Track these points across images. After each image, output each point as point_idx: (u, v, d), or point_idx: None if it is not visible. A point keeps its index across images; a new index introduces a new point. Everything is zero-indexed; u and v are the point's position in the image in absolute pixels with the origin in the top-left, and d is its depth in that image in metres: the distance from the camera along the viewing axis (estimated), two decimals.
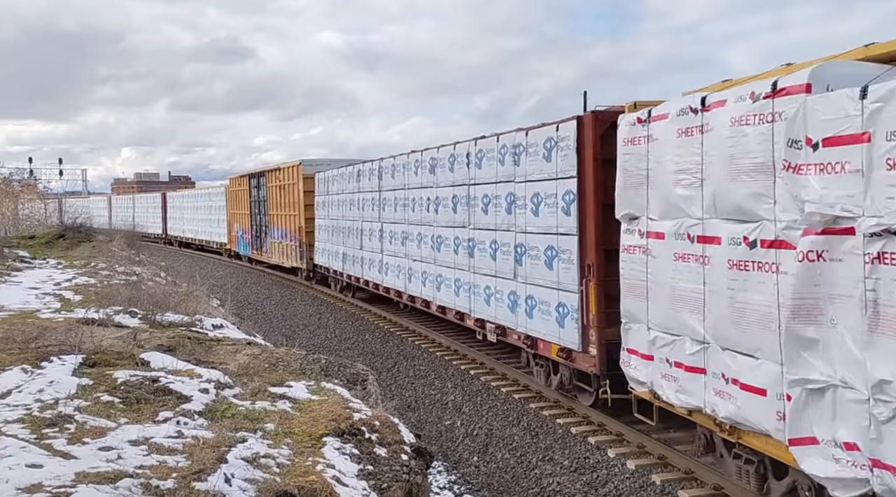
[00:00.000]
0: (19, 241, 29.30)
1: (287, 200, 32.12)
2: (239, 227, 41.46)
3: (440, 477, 11.36)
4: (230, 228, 43.69)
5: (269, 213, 34.95)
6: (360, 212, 23.63)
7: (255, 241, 38.30)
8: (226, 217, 44.54)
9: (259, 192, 37.01)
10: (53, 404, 6.78)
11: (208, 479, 5.23)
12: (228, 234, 44.30)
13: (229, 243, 44.34)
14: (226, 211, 44.53)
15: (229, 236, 44.27)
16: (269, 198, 34.94)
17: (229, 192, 43.79)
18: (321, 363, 9.64)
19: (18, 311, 13.00)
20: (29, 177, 64.46)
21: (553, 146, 12.32)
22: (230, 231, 43.74)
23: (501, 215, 14.25)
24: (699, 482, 9.61)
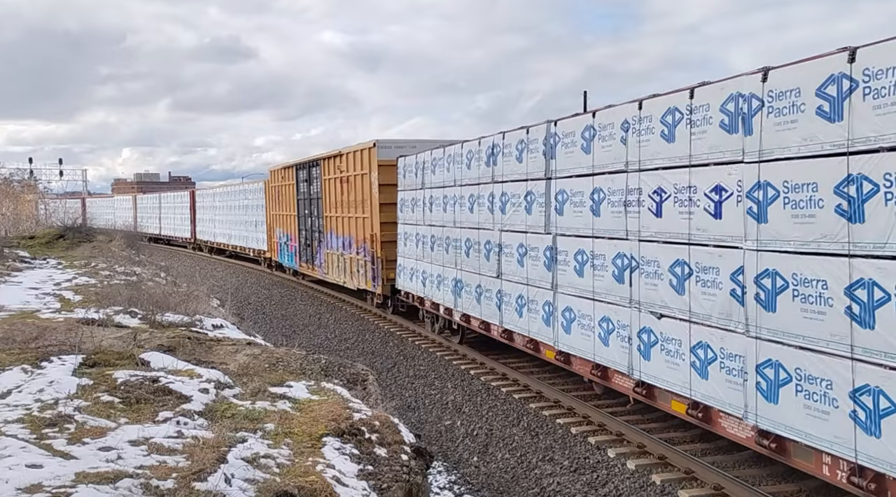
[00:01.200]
0: (19, 241, 29.29)
1: (352, 198, 24.02)
2: (282, 231, 33.73)
3: (440, 477, 11.37)
4: (271, 233, 36.14)
5: (324, 214, 27.16)
6: (491, 214, 14.73)
7: (304, 250, 30.49)
8: (265, 219, 36.85)
9: (311, 186, 29.03)
10: (53, 404, 6.78)
11: (208, 479, 5.23)
12: (269, 240, 36.68)
13: (269, 251, 36.79)
14: (266, 211, 36.84)
15: (270, 243, 36.57)
16: (326, 194, 26.91)
17: (270, 189, 35.93)
18: (321, 363, 9.64)
19: (18, 311, 13.00)
20: (29, 177, 64.43)
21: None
22: (271, 237, 36.22)
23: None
24: (699, 482, 9.61)
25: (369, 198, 22.42)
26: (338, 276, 26.12)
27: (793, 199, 7.72)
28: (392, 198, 20.77)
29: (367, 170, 22.61)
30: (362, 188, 23.06)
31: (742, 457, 10.01)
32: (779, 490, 9.17)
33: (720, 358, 8.87)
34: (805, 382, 7.61)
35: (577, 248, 11.81)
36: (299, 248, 31.09)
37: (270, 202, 35.97)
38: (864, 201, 6.97)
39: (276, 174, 34.96)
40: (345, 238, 24.97)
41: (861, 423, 6.95)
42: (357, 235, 23.62)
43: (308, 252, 29.86)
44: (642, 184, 10.22)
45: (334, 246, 26.18)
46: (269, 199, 36.21)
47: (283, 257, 34.21)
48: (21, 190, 55.92)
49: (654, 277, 10.00)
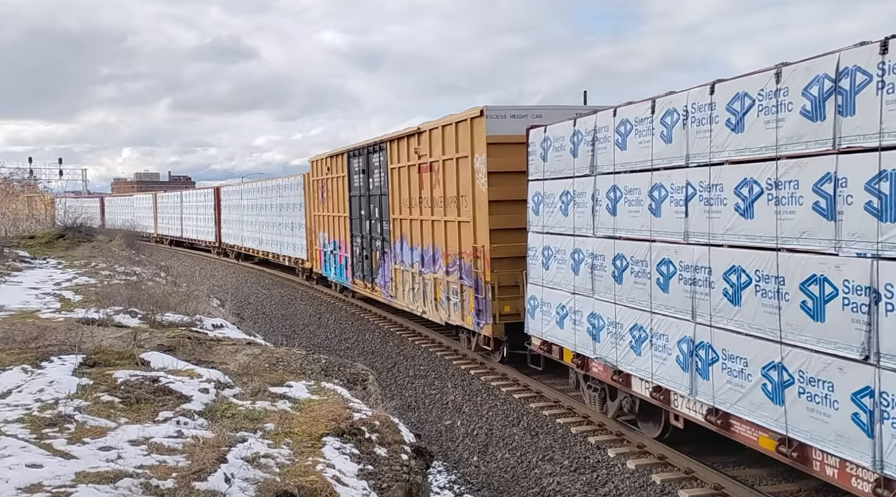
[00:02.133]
0: (19, 240, 29.29)
1: (439, 193, 17.02)
2: (328, 237, 26.92)
3: (440, 477, 11.37)
4: (312, 239, 29.51)
5: (391, 216, 20.22)
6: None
7: (359, 263, 23.41)
8: (305, 221, 30.39)
9: (370, 179, 22.02)
10: (53, 404, 6.78)
11: (208, 479, 5.23)
12: (309, 247, 30.11)
13: (310, 261, 30.04)
14: (305, 212, 30.40)
15: (310, 251, 29.95)
16: (394, 189, 19.93)
17: (312, 184, 28.94)
18: (321, 363, 9.65)
19: (18, 310, 13.00)
20: (29, 177, 64.46)
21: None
22: (311, 243, 29.61)
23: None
24: (699, 482, 9.61)
25: (470, 193, 15.36)
26: (412, 303, 18.98)
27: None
28: (510, 192, 14.27)
29: (465, 151, 15.44)
30: (457, 179, 16.01)
31: (742, 457, 10.01)
32: (779, 490, 9.17)
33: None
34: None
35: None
36: (352, 260, 23.99)
37: (312, 200, 29.11)
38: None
39: (319, 165, 27.64)
40: (425, 250, 17.93)
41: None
42: (447, 247, 16.58)
43: (365, 266, 22.75)
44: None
45: (407, 260, 19.12)
46: (310, 197, 29.35)
47: (329, 269, 27.13)
48: (21, 189, 55.96)
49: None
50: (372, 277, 22.24)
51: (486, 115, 14.68)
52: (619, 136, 10.57)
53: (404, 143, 19.11)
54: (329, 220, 26.70)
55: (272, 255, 36.50)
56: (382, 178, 20.83)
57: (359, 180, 22.94)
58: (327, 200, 26.80)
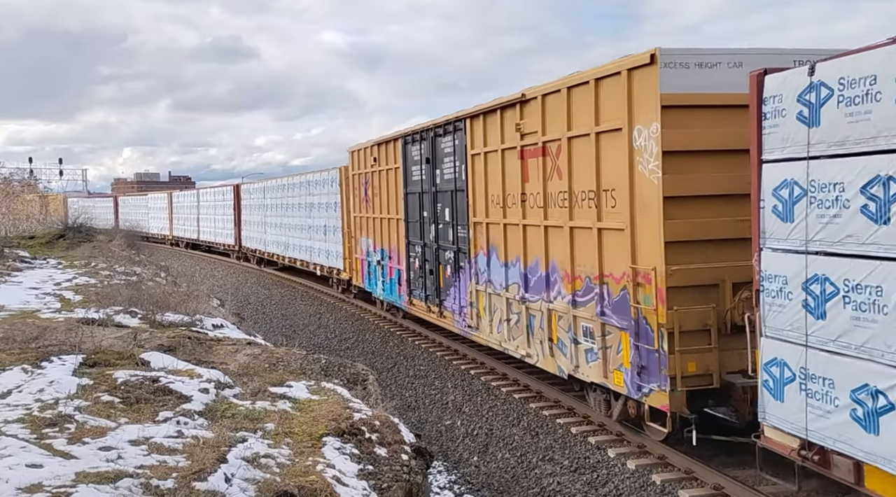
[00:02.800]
0: (19, 241, 29.31)
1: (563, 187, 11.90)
2: (374, 244, 22.01)
3: (440, 477, 11.38)
4: (351, 245, 24.93)
5: (472, 219, 15.29)
6: None
7: (419, 279, 18.38)
8: (342, 223, 25.91)
9: (438, 170, 17.01)
10: (53, 404, 6.78)
11: (208, 479, 5.23)
12: (346, 254, 25.55)
13: (349, 271, 25.30)
14: (342, 213, 25.83)
15: (349, 260, 25.31)
16: (477, 182, 15.00)
17: (352, 179, 24.12)
18: (321, 363, 9.66)
19: (19, 310, 13.01)
20: (29, 177, 64.44)
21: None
22: (350, 250, 25.06)
23: None
24: (699, 482, 9.61)
25: (624, 185, 10.37)
26: (507, 340, 13.76)
27: None
28: (700, 184, 9.89)
29: (616, 121, 10.50)
30: (596, 165, 10.92)
31: (742, 457, 10.00)
32: (779, 490, 9.16)
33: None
34: None
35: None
36: (408, 275, 19.09)
37: (352, 199, 24.34)
38: None
39: (361, 156, 22.92)
40: (531, 268, 12.84)
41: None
42: (574, 266, 11.53)
43: (428, 283, 17.79)
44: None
45: (498, 280, 14.01)
46: (350, 195, 24.68)
47: (374, 284, 22.30)
48: (21, 189, 55.97)
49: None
50: (439, 299, 17.22)
51: (659, 61, 9.61)
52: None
53: (495, 120, 13.96)
54: (375, 223, 21.81)
55: (300, 263, 31.51)
56: (457, 169, 15.84)
57: (419, 172, 18.01)
58: (373, 199, 21.82)
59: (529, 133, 12.76)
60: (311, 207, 29.57)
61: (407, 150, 18.91)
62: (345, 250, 25.72)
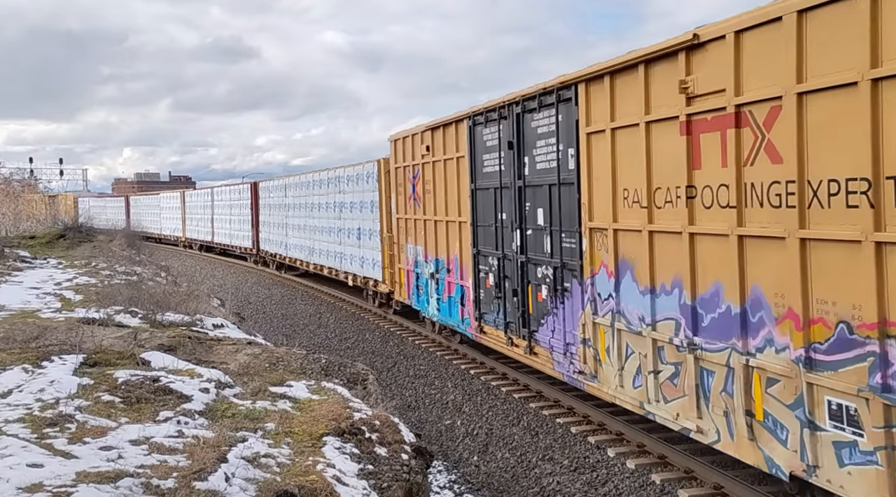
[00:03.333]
0: (20, 240, 29.32)
1: (785, 172, 7.51)
2: (425, 252, 18.08)
3: (440, 476, 11.39)
4: (392, 252, 20.98)
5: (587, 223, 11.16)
6: None
7: (495, 300, 14.56)
8: (380, 226, 22.17)
9: (527, 158, 13.05)
10: (54, 404, 6.80)
11: (209, 479, 5.25)
12: (388, 263, 21.58)
13: (390, 283, 21.63)
14: (381, 213, 22.10)
15: (390, 269, 21.34)
16: (599, 171, 10.85)
17: (396, 172, 19.90)
18: (321, 363, 9.67)
19: (19, 310, 13.03)
20: (29, 177, 64.46)
21: None
22: (391, 258, 21.17)
23: None
24: (699, 481, 9.62)
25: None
26: (655, 400, 9.85)
27: None
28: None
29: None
30: (873, 134, 6.59)
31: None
32: (779, 490, 9.17)
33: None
34: None
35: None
36: (477, 293, 15.21)
37: (394, 197, 20.10)
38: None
39: (406, 145, 18.87)
40: (703, 299, 8.91)
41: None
42: (807, 300, 7.38)
43: (509, 307, 13.90)
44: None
45: (632, 309, 10.21)
46: (391, 192, 20.57)
47: (425, 300, 18.37)
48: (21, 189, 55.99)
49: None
50: (526, 330, 13.13)
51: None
52: None
53: (634, 80, 9.86)
54: (428, 226, 17.71)
55: (328, 271, 27.99)
56: (561, 155, 11.68)
57: (495, 162, 14.03)
58: (424, 197, 17.78)
59: (706, 94, 8.63)
60: (342, 207, 25.90)
61: (476, 133, 14.93)
62: (384, 258, 21.89)
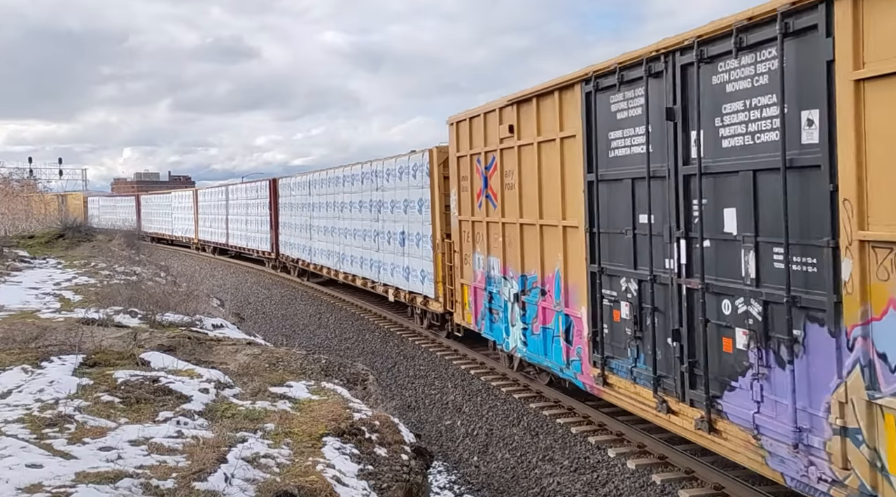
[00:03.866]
0: (19, 240, 29.31)
1: None
2: (503, 264, 14.12)
3: (440, 477, 11.37)
4: (454, 262, 17.00)
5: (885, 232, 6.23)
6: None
7: (638, 345, 10.00)
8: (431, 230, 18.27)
9: (689, 130, 8.68)
10: (53, 404, 6.78)
11: (208, 479, 5.24)
12: (444, 277, 17.59)
13: (447, 301, 17.58)
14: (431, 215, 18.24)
15: (448, 285, 17.35)
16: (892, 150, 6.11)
17: (456, 163, 16.36)
18: (321, 363, 9.65)
19: (18, 310, 13.01)
20: (29, 176, 64.46)
21: None
22: (453, 271, 17.05)
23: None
24: (699, 482, 9.61)
25: None
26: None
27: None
28: None
29: None
30: None
31: None
32: (779, 490, 9.16)
33: None
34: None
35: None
36: (599, 329, 11.02)
37: (455, 194, 16.47)
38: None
39: (475, 128, 15.15)
40: None
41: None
42: None
43: (662, 353, 9.67)
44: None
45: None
46: (450, 188, 16.90)
47: (503, 328, 14.39)
48: (21, 189, 55.99)
49: None
50: (702, 392, 8.83)
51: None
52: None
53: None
54: (508, 232, 13.62)
55: (361, 281, 24.07)
56: (786, 122, 7.33)
57: (636, 141, 9.97)
58: (504, 192, 13.73)
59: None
60: (381, 207, 21.80)
61: (598, 102, 10.51)
62: (438, 270, 17.73)
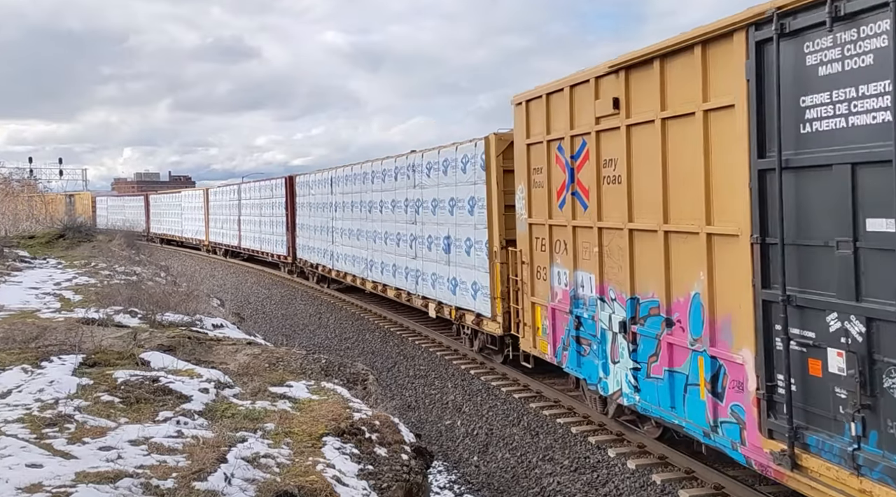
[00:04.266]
0: (19, 240, 29.30)
1: None
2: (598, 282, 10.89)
3: (440, 476, 11.37)
4: (516, 275, 13.74)
5: None
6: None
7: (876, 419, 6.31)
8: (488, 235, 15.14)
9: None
10: (53, 404, 6.78)
11: (208, 479, 5.23)
12: (505, 293, 14.51)
13: (507, 322, 14.46)
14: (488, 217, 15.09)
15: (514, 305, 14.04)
16: None
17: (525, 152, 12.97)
18: (321, 363, 9.65)
19: (18, 310, 13.01)
20: (29, 176, 64.41)
21: None
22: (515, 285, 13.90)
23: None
24: (699, 481, 9.61)
25: None
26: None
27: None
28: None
29: None
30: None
31: None
32: (779, 490, 9.16)
33: None
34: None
35: None
36: (785, 385, 7.29)
37: (521, 190, 13.48)
38: None
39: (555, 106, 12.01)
40: None
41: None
42: None
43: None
44: None
45: None
46: (510, 183, 14.35)
47: (596, 365, 11.14)
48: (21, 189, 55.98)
49: None
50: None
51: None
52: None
53: None
54: (608, 240, 10.77)
55: (393, 292, 20.93)
56: None
57: (868, 105, 6.38)
58: (602, 188, 10.80)
59: None
60: (420, 207, 18.50)
61: (779, 55, 7.29)
62: (495, 283, 14.64)
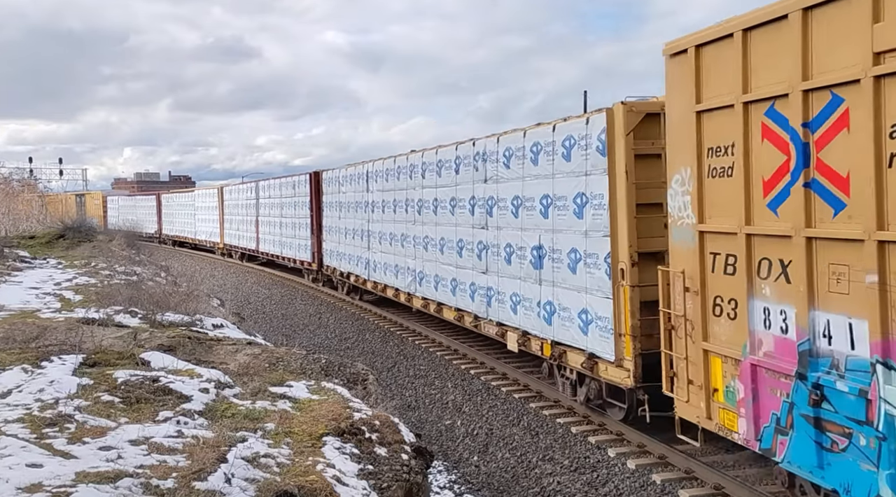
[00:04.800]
0: (19, 240, 29.30)
1: None
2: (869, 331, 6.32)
3: (440, 476, 11.37)
4: (673, 307, 9.11)
5: None
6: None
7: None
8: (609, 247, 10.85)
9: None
10: (53, 404, 6.78)
11: (208, 479, 5.23)
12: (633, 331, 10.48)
13: (638, 368, 10.39)
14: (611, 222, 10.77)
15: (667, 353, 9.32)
16: None
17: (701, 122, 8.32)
18: (321, 363, 9.65)
19: (19, 310, 13.01)
20: (29, 176, 64.38)
21: None
22: (669, 322, 9.22)
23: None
24: (699, 481, 9.61)
25: None
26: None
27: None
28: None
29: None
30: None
31: (742, 457, 10.01)
32: (779, 490, 9.16)
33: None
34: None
35: None
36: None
37: (678, 181, 8.83)
38: None
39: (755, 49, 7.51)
40: None
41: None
42: None
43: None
44: None
45: None
46: (672, 173, 9.05)
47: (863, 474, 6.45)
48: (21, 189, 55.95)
49: None
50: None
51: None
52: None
53: None
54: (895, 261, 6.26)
55: (454, 314, 16.84)
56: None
57: None
58: (880, 177, 6.28)
59: None
60: (492, 206, 14.65)
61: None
62: (622, 313, 10.89)
